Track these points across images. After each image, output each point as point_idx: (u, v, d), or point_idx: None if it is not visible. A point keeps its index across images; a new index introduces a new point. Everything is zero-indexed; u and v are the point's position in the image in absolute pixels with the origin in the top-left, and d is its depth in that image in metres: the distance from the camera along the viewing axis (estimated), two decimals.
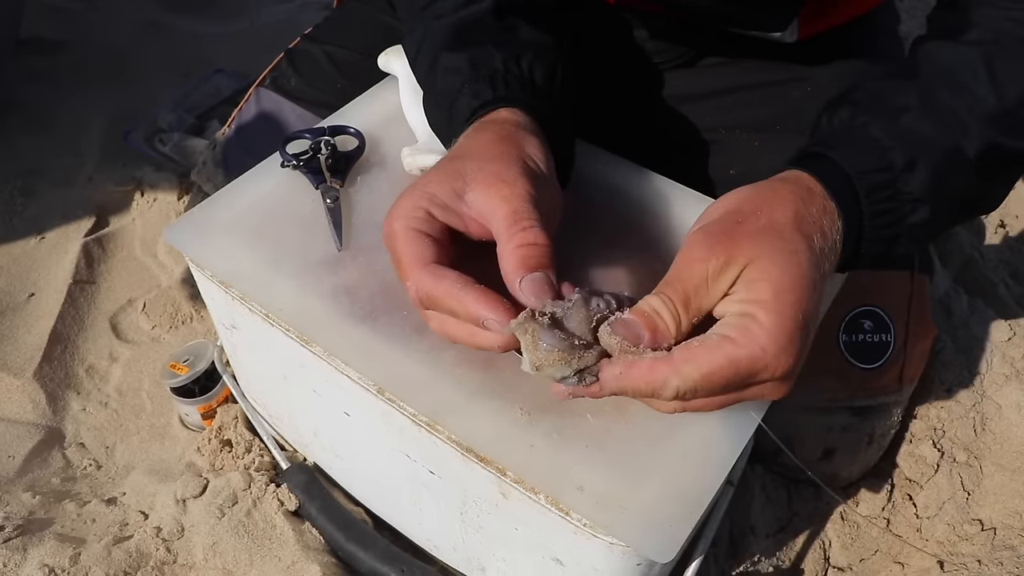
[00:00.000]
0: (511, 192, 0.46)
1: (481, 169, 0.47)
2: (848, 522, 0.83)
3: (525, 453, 0.48)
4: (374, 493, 0.73)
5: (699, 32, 0.74)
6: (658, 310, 0.42)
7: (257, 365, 0.71)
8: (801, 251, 0.44)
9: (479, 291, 0.43)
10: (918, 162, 0.48)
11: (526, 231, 0.45)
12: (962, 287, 0.96)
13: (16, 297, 1.01)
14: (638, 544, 0.45)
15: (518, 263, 0.44)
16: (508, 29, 0.58)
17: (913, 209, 0.49)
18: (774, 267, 0.42)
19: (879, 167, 0.48)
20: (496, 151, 0.49)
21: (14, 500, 0.78)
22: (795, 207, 0.46)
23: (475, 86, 0.54)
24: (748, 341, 0.41)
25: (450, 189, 0.47)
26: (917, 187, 0.49)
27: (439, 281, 0.44)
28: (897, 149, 0.49)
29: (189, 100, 1.30)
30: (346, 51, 0.88)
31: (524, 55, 0.56)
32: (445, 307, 0.44)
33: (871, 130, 0.50)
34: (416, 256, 0.45)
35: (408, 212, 0.47)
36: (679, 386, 0.41)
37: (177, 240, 0.60)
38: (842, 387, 0.76)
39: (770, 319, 0.41)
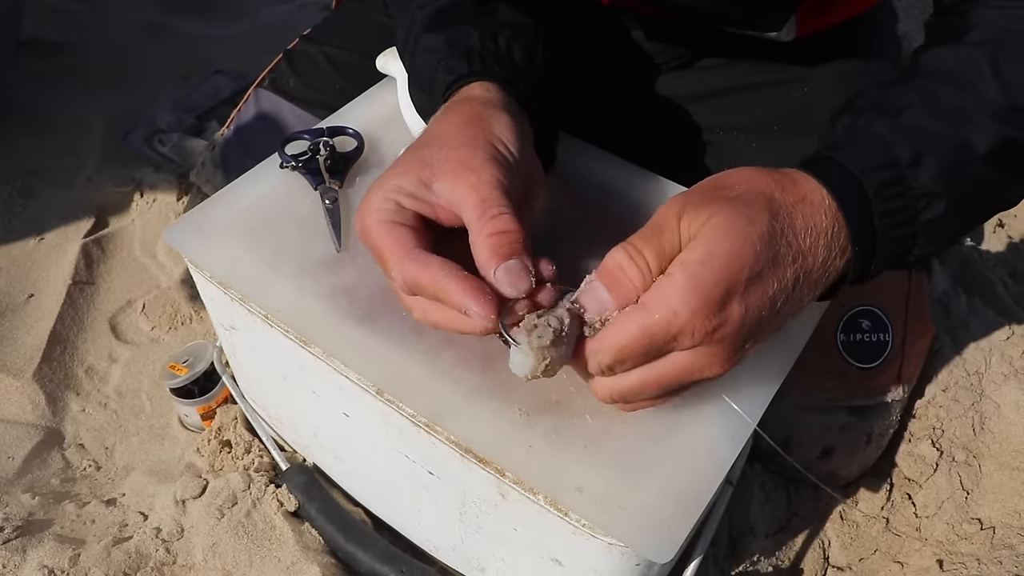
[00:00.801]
0: (478, 179, 0.45)
1: (447, 158, 0.47)
2: (847, 521, 0.83)
3: (524, 453, 0.48)
4: (373, 494, 0.73)
5: (696, 33, 0.74)
6: (622, 264, 0.42)
7: (256, 366, 0.71)
8: (758, 224, 0.43)
9: (463, 280, 0.43)
10: (925, 156, 0.47)
11: (495, 219, 0.44)
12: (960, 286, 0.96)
13: (15, 298, 1.01)
14: (637, 544, 0.45)
15: (490, 252, 0.44)
16: (487, 12, 0.58)
17: (927, 204, 0.48)
18: (720, 231, 0.42)
19: (884, 163, 0.47)
20: (462, 136, 0.48)
21: (13, 501, 0.78)
22: (770, 190, 0.45)
23: (450, 61, 0.54)
24: (660, 305, 0.41)
25: (416, 179, 0.46)
26: (927, 181, 0.47)
27: (425, 269, 0.44)
28: (900, 144, 0.48)
29: (188, 101, 1.30)
30: (345, 52, 0.88)
31: (501, 32, 0.56)
32: (430, 294, 0.44)
33: (874, 128, 0.49)
34: (397, 245, 0.45)
35: (377, 206, 0.46)
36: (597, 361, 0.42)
37: (176, 241, 0.60)
38: (840, 386, 0.76)
39: (686, 280, 0.41)
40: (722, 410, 0.51)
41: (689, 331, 0.41)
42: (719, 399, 0.51)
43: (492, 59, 0.54)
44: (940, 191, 0.47)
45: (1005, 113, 0.49)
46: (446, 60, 0.54)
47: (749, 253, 0.42)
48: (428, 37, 0.56)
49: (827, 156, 0.48)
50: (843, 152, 0.48)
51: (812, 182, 0.46)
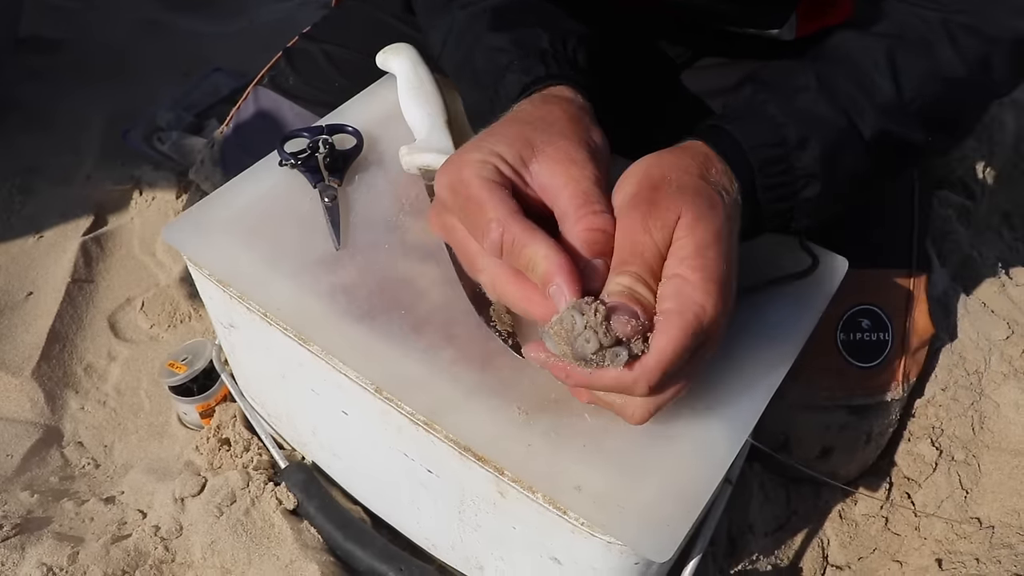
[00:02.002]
0: (581, 174, 0.45)
1: (551, 143, 0.46)
2: (846, 520, 0.83)
3: (523, 452, 0.48)
4: (372, 492, 0.73)
5: (696, 32, 0.74)
6: (638, 291, 0.42)
7: (255, 364, 0.71)
8: (716, 205, 0.45)
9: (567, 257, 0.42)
10: (810, 139, 0.51)
11: (596, 215, 0.44)
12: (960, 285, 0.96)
13: (14, 296, 1.01)
14: (636, 543, 0.45)
15: (584, 246, 0.43)
16: (549, 14, 0.58)
17: (805, 184, 0.51)
18: (696, 223, 0.43)
19: (773, 142, 0.50)
20: (566, 128, 0.48)
21: (12, 499, 0.78)
22: (699, 170, 0.47)
23: (525, 62, 0.54)
24: (687, 305, 0.42)
25: (517, 154, 0.46)
26: (809, 162, 0.51)
27: (533, 231, 0.42)
28: (791, 126, 0.51)
29: (188, 99, 1.30)
30: (344, 50, 0.88)
31: (569, 38, 0.56)
32: (526, 258, 0.43)
33: (768, 107, 0.52)
34: (504, 203, 0.44)
35: (477, 164, 0.45)
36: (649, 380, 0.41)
37: (175, 239, 0.60)
38: (840, 385, 0.76)
39: (699, 277, 0.42)
40: (721, 409, 0.51)
41: (715, 320, 0.42)
42: (718, 399, 0.51)
43: (565, 64, 0.55)
44: (818, 173, 0.51)
45: (892, 108, 0.52)
46: (519, 61, 0.54)
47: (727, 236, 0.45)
48: (492, 37, 0.56)
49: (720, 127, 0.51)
50: (736, 125, 0.51)
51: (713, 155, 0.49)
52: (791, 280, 0.58)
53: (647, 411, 0.45)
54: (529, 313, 0.44)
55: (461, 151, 0.47)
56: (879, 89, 0.52)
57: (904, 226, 0.82)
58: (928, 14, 0.54)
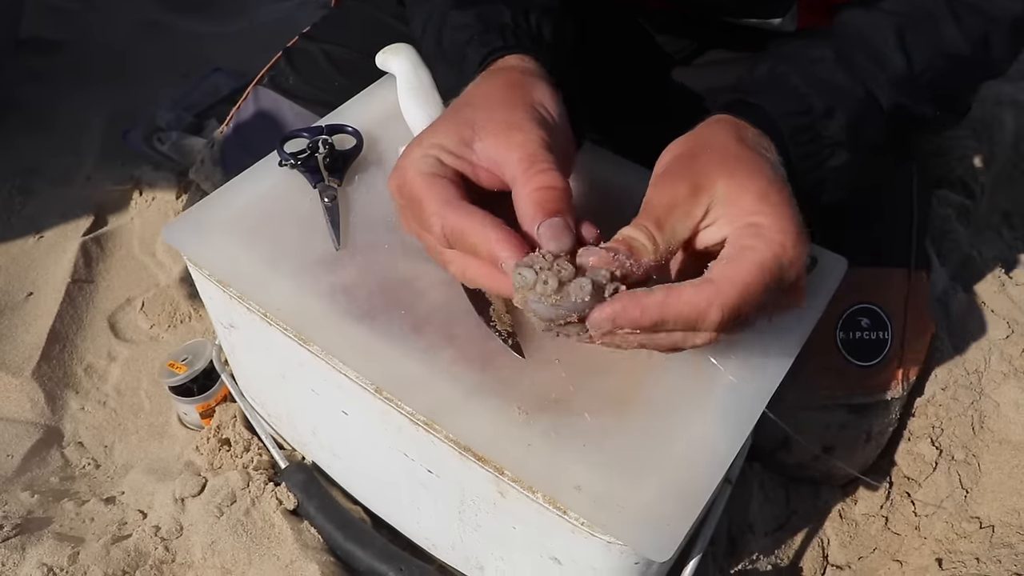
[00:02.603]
0: (524, 138, 0.45)
1: (490, 118, 0.47)
2: (846, 520, 0.83)
3: (523, 452, 0.48)
4: (372, 492, 0.73)
5: (700, 24, 0.74)
6: (631, 235, 0.43)
7: (255, 364, 0.71)
8: (761, 161, 0.46)
9: (504, 231, 0.42)
10: (836, 108, 0.51)
11: (543, 173, 0.44)
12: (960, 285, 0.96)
13: (14, 296, 1.01)
14: (636, 543, 0.45)
15: (536, 207, 0.43)
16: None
17: (832, 153, 0.52)
18: (747, 182, 0.44)
19: (800, 110, 0.51)
20: (505, 98, 0.48)
21: (12, 499, 0.78)
22: (736, 134, 0.48)
23: (484, 37, 0.54)
24: (766, 243, 0.42)
25: (458, 138, 0.46)
26: (836, 131, 0.51)
27: (467, 217, 0.43)
28: (815, 95, 0.51)
29: (188, 99, 1.30)
30: (344, 50, 0.88)
31: (532, 12, 0.56)
32: (469, 244, 0.43)
33: (790, 79, 0.52)
34: (439, 195, 0.44)
35: (418, 160, 0.46)
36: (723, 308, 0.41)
37: (175, 239, 0.60)
38: (840, 384, 0.76)
39: (771, 220, 0.42)
40: (721, 409, 0.51)
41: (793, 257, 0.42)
42: (718, 398, 0.51)
43: (526, 37, 0.55)
44: (845, 142, 0.52)
45: (903, 80, 0.53)
46: (480, 35, 0.54)
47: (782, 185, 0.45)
48: (457, 14, 0.57)
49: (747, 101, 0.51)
50: (762, 97, 0.51)
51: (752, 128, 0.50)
52: None
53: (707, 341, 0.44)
54: (498, 290, 0.45)
55: (405, 150, 0.48)
56: (891, 63, 0.53)
57: (903, 225, 0.82)
58: None
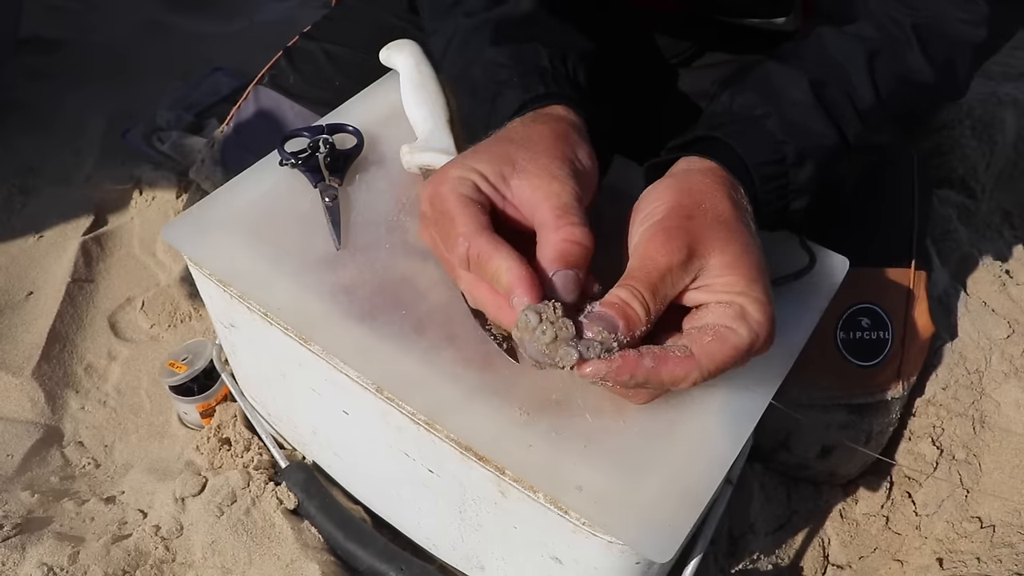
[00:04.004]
0: (561, 189, 0.46)
1: (533, 161, 0.48)
2: (847, 520, 0.83)
3: (524, 452, 0.48)
4: (373, 491, 0.73)
5: (701, 26, 0.74)
6: (628, 301, 0.44)
7: (256, 364, 0.71)
8: (751, 237, 0.47)
9: (528, 271, 0.43)
10: (808, 158, 0.53)
11: (575, 227, 0.45)
12: (960, 284, 0.96)
13: (15, 296, 1.01)
14: (637, 543, 0.45)
15: (558, 255, 0.44)
16: (551, 29, 0.59)
17: (795, 198, 0.54)
18: (739, 261, 0.45)
19: (774, 159, 0.52)
20: (550, 147, 0.49)
21: (13, 499, 0.78)
22: (730, 199, 0.49)
23: (524, 80, 0.55)
24: (747, 330, 0.44)
25: (497, 171, 0.47)
26: (804, 180, 0.53)
27: (497, 247, 0.44)
28: (790, 144, 0.52)
29: (188, 99, 1.30)
30: (345, 49, 0.88)
31: (569, 56, 0.57)
32: (490, 272, 0.44)
33: (768, 124, 0.53)
34: (473, 219, 0.45)
35: (455, 180, 0.47)
36: (697, 378, 0.44)
37: (175, 239, 0.60)
38: (840, 384, 0.76)
39: (756, 307, 0.45)
40: (721, 409, 0.51)
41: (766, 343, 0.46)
42: (719, 398, 0.51)
43: (565, 83, 0.55)
44: (809, 189, 0.54)
45: (871, 112, 0.55)
46: (520, 79, 0.55)
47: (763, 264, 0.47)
48: (493, 51, 0.57)
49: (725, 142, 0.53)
50: (739, 141, 0.52)
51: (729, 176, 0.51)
52: (790, 280, 0.58)
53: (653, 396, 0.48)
54: (502, 322, 0.46)
55: (444, 168, 0.48)
56: (860, 96, 0.54)
57: (904, 225, 0.82)
58: (899, 16, 0.56)
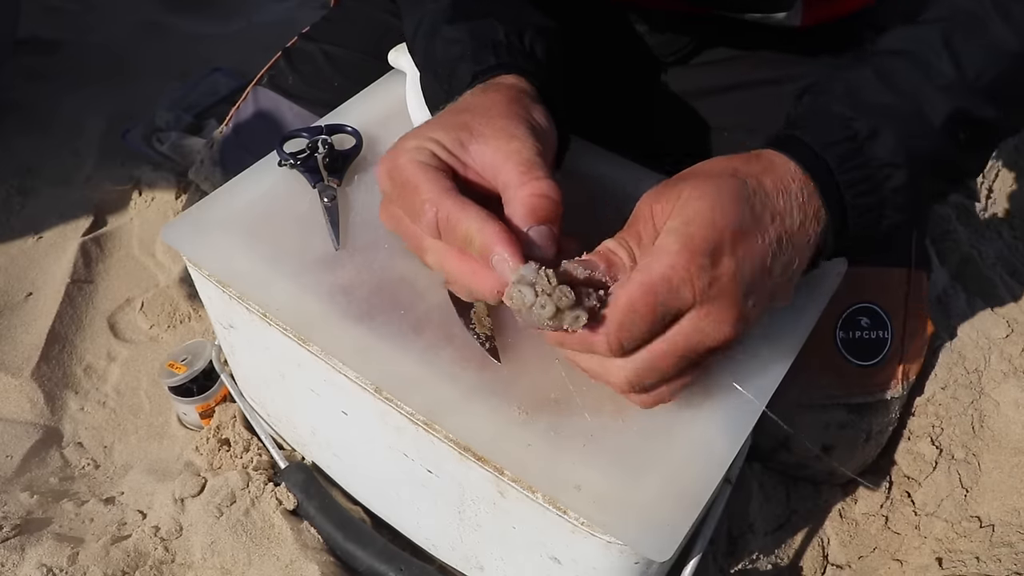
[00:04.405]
0: (522, 146, 0.46)
1: (489, 124, 0.47)
2: (846, 519, 0.83)
3: (522, 452, 0.48)
4: (372, 492, 0.73)
5: (701, 21, 0.74)
6: (613, 249, 0.44)
7: (255, 364, 0.71)
8: (727, 186, 0.45)
9: (500, 226, 0.43)
10: (881, 129, 0.50)
11: (539, 181, 0.44)
12: (960, 284, 0.96)
13: (14, 297, 1.01)
14: (636, 543, 0.45)
15: (528, 212, 0.44)
16: (508, 5, 0.58)
17: (889, 175, 0.50)
18: (694, 199, 0.44)
19: (844, 137, 0.50)
20: (504, 110, 0.48)
21: (12, 500, 0.78)
22: (733, 165, 0.47)
23: (477, 53, 0.54)
24: (657, 265, 0.42)
25: (454, 137, 0.47)
26: (886, 152, 0.50)
27: (465, 207, 0.43)
28: (859, 120, 0.50)
29: (187, 99, 1.30)
30: (344, 50, 0.88)
31: (525, 31, 0.56)
32: (460, 235, 0.43)
33: (832, 107, 0.51)
34: (436, 183, 0.45)
35: (412, 150, 0.46)
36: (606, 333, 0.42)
37: (174, 239, 0.60)
38: (839, 384, 0.76)
39: (677, 241, 0.42)
40: (721, 407, 0.51)
41: (688, 280, 0.42)
42: (718, 398, 0.51)
43: (519, 55, 0.55)
44: (900, 161, 0.50)
45: (956, 86, 0.51)
46: (473, 52, 0.54)
47: (727, 210, 0.44)
48: (449, 28, 0.56)
49: (789, 135, 0.51)
50: (804, 130, 0.50)
51: (777, 155, 0.49)
52: None
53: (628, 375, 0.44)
54: (477, 288, 0.44)
55: (398, 141, 0.48)
56: (939, 72, 0.52)
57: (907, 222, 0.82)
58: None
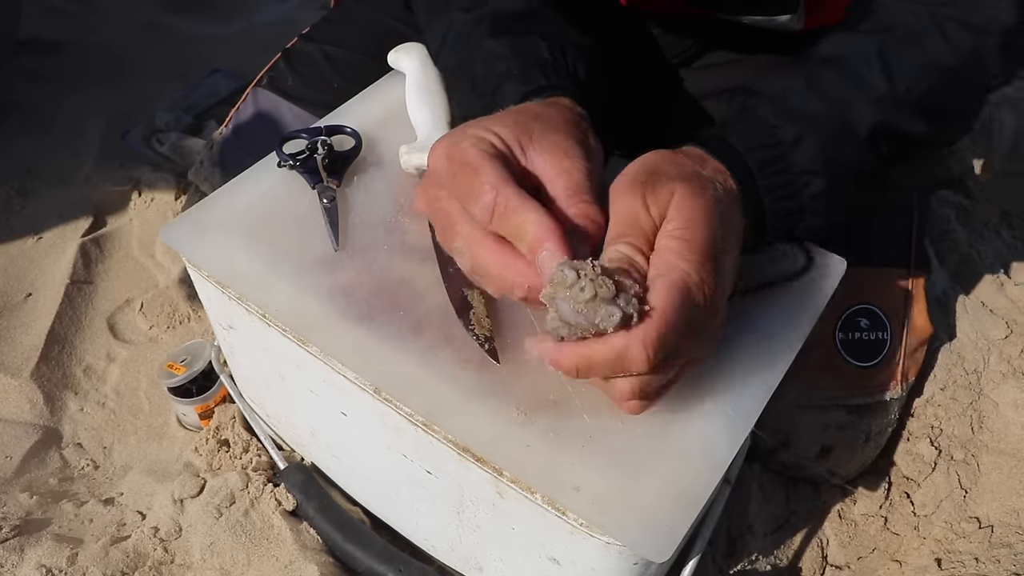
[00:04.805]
0: (574, 166, 0.46)
1: (547, 135, 0.47)
2: (846, 520, 0.83)
3: (521, 453, 0.48)
4: (371, 493, 0.73)
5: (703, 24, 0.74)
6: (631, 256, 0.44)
7: (254, 365, 0.71)
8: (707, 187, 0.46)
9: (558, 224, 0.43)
10: (804, 137, 0.51)
11: (587, 204, 0.45)
12: (959, 285, 0.96)
13: (13, 297, 1.01)
14: (635, 544, 0.45)
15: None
16: (548, 22, 0.59)
17: (807, 182, 0.52)
18: (684, 200, 0.44)
19: (767, 143, 0.51)
20: (563, 126, 0.49)
21: (11, 500, 0.78)
22: (693, 164, 0.49)
23: (525, 72, 0.54)
24: (671, 270, 0.42)
25: (515, 137, 0.47)
26: (807, 160, 0.51)
27: (526, 199, 0.43)
28: (784, 126, 0.51)
29: (187, 100, 1.30)
30: (343, 51, 0.88)
31: (568, 49, 0.57)
32: (515, 223, 0.43)
33: (760, 110, 0.53)
34: (499, 171, 0.44)
35: (475, 138, 0.46)
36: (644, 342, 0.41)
37: (174, 240, 0.60)
38: (839, 385, 0.76)
39: (681, 244, 0.43)
40: (720, 409, 0.51)
41: (700, 284, 0.43)
42: (717, 398, 0.51)
43: (565, 76, 0.55)
44: (819, 169, 0.51)
45: (886, 99, 0.53)
46: (520, 70, 0.54)
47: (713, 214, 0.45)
48: (492, 43, 0.56)
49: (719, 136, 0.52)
50: (732, 132, 0.52)
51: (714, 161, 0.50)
52: (788, 281, 0.58)
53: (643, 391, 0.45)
54: (510, 279, 0.44)
55: (460, 127, 0.48)
56: (870, 84, 0.53)
57: (902, 225, 0.82)
58: (917, 8, 0.55)
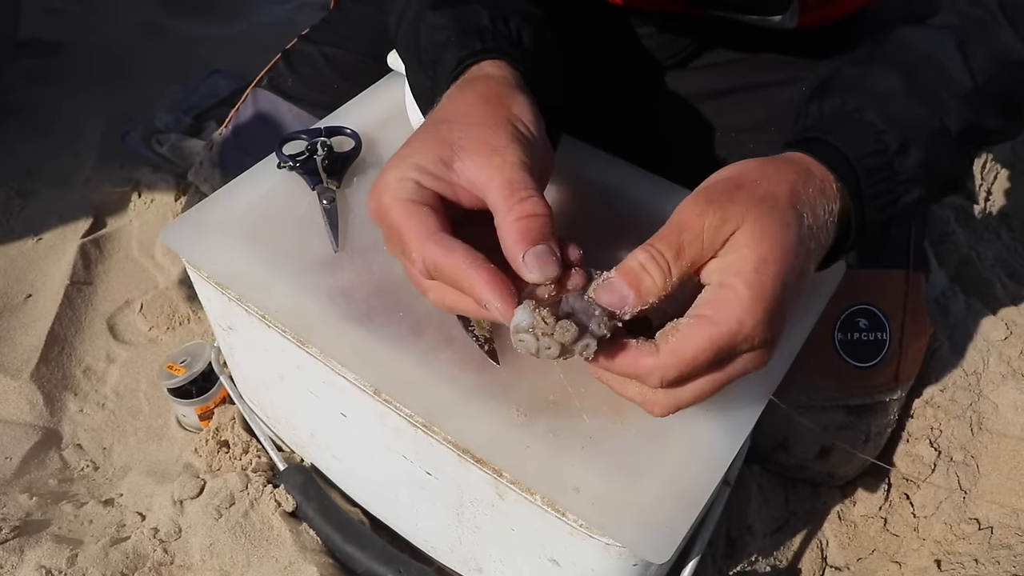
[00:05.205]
0: (503, 161, 0.44)
1: (469, 136, 0.46)
2: (845, 521, 0.83)
3: (521, 454, 0.48)
4: (371, 494, 0.73)
5: (699, 24, 0.74)
6: (645, 264, 0.42)
7: (254, 366, 0.71)
8: (791, 225, 0.43)
9: (486, 271, 0.42)
10: (911, 144, 0.50)
11: (524, 202, 0.43)
12: (959, 286, 0.97)
13: (13, 298, 1.01)
14: (634, 545, 0.45)
15: (519, 236, 0.42)
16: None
17: (906, 190, 0.50)
18: (763, 235, 0.42)
19: (875, 150, 0.49)
20: (482, 114, 0.47)
21: (11, 501, 0.78)
22: (792, 184, 0.46)
23: (461, 39, 0.53)
24: (726, 317, 0.40)
25: (436, 158, 0.45)
26: (912, 168, 0.50)
27: (448, 254, 0.42)
28: (891, 132, 0.50)
29: (186, 101, 1.30)
30: (343, 52, 0.88)
31: (512, 17, 0.55)
32: (450, 280, 0.43)
33: (865, 115, 0.51)
34: (418, 227, 0.43)
35: (395, 185, 0.45)
36: (663, 376, 0.41)
37: (174, 241, 0.60)
38: (838, 385, 0.76)
39: (748, 291, 0.41)
40: (720, 410, 0.51)
41: (752, 339, 0.41)
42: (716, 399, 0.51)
43: (504, 40, 0.54)
44: (921, 177, 0.50)
45: (971, 96, 0.51)
46: (457, 38, 0.53)
47: (792, 258, 0.42)
48: (434, 15, 0.55)
49: (824, 140, 0.50)
50: (838, 137, 0.50)
51: (822, 169, 0.48)
52: None
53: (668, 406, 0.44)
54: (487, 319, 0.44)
55: (381, 173, 0.46)
56: (957, 81, 0.51)
57: (902, 226, 0.82)
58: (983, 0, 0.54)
